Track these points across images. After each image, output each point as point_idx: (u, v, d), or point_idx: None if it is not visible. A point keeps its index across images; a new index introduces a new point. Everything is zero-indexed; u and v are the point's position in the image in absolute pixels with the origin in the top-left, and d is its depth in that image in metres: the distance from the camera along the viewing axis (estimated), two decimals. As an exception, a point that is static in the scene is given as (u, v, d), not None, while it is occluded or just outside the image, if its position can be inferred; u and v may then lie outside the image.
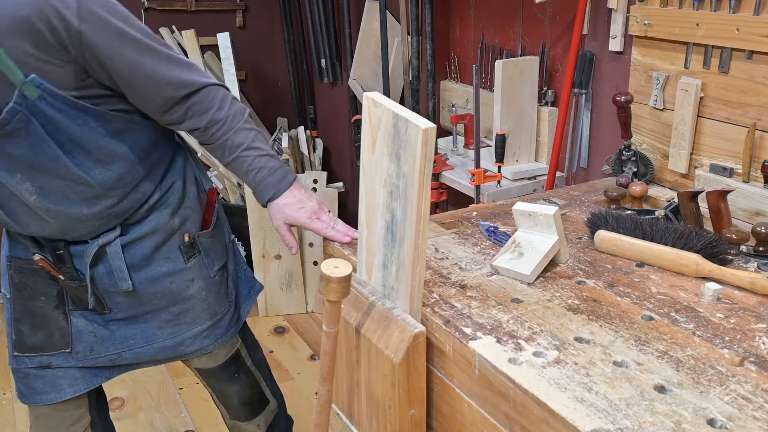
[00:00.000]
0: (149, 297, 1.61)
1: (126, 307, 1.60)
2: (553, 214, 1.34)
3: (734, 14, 1.62)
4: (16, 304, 1.59)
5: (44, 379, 1.60)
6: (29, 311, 1.58)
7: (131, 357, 1.65)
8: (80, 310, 1.59)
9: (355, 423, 1.38)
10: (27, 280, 1.57)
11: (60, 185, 1.41)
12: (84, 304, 1.57)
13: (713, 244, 1.37)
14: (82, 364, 1.62)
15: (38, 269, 1.54)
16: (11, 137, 1.32)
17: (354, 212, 3.48)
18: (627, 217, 1.48)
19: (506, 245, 1.39)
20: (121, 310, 1.60)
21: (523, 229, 1.41)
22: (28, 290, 1.57)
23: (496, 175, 2.33)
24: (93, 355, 1.62)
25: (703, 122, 1.76)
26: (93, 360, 1.62)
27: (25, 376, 1.61)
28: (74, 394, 1.62)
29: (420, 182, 1.11)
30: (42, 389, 1.61)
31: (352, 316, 1.29)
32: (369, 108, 1.22)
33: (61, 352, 1.59)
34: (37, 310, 1.57)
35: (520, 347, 1.10)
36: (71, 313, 1.59)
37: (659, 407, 0.95)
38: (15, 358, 1.60)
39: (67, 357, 1.60)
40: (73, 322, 1.59)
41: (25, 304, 1.58)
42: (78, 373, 1.62)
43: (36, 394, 1.61)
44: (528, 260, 1.33)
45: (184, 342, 1.67)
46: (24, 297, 1.58)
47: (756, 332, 1.14)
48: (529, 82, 2.32)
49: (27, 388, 1.62)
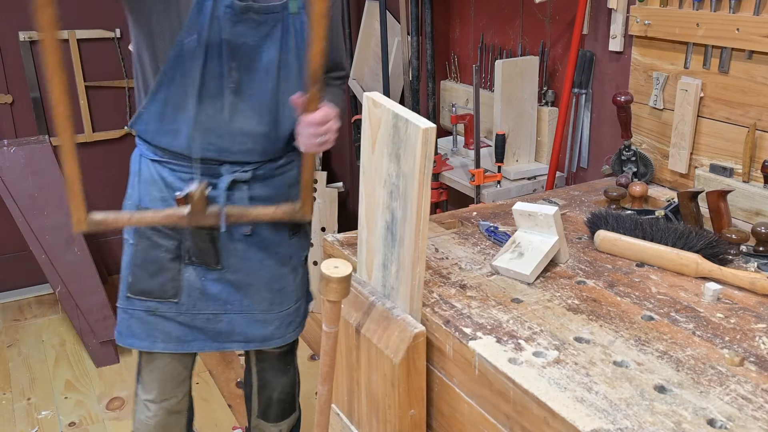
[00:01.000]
0: (257, 264, 1.72)
1: (235, 269, 1.71)
2: (553, 214, 1.34)
3: (734, 14, 1.62)
4: (138, 250, 1.70)
5: (145, 325, 1.72)
6: (149, 259, 1.69)
7: (225, 323, 1.75)
8: (194, 265, 1.69)
9: (355, 423, 1.38)
10: (151, 229, 1.67)
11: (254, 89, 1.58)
12: (202, 255, 1.68)
13: (713, 244, 1.37)
14: (183, 319, 1.72)
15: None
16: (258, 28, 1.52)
17: (354, 212, 3.48)
18: (627, 217, 1.48)
19: (506, 245, 1.39)
20: (231, 271, 1.71)
21: (523, 229, 1.41)
22: (150, 239, 1.68)
23: (496, 175, 2.33)
24: (195, 310, 1.72)
25: (703, 122, 1.76)
26: (193, 316, 1.73)
27: (129, 317, 1.73)
28: (164, 350, 1.74)
29: (420, 182, 1.11)
30: (139, 334, 1.73)
31: (352, 316, 1.29)
32: (369, 108, 1.22)
33: (169, 300, 1.71)
34: (155, 259, 1.69)
35: (520, 347, 1.10)
36: (185, 267, 1.70)
37: (659, 407, 0.95)
38: (126, 299, 1.72)
39: (172, 306, 1.71)
40: (185, 276, 1.70)
41: (146, 252, 1.69)
42: (174, 332, 1.73)
43: (131, 337, 1.74)
44: (528, 260, 1.33)
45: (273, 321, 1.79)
46: (145, 245, 1.69)
47: (756, 332, 1.14)
48: (529, 82, 2.32)
49: (126, 329, 1.74)
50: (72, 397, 2.83)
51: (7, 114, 3.40)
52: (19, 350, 3.17)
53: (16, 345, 3.21)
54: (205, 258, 1.69)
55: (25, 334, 3.30)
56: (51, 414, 2.72)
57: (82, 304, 2.95)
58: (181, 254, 1.69)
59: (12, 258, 3.57)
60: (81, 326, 2.99)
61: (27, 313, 3.49)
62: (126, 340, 1.75)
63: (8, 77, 3.35)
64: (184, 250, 1.69)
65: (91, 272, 2.96)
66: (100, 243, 3.73)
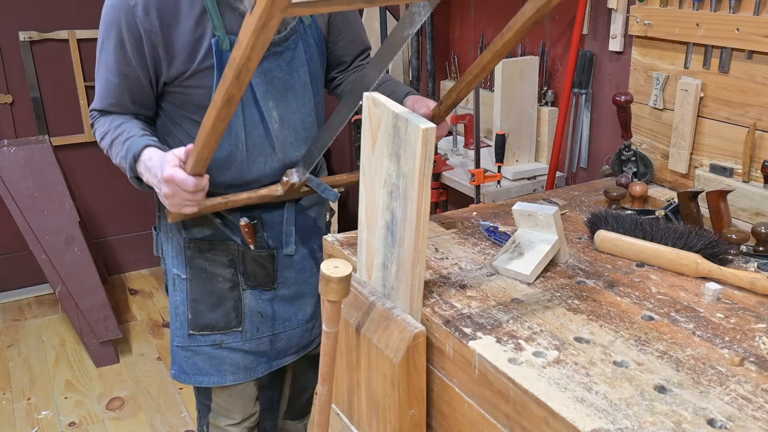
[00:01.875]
0: (309, 273, 1.75)
1: (290, 283, 1.72)
2: (553, 214, 1.34)
3: (734, 14, 1.62)
4: (194, 284, 1.66)
5: (212, 360, 1.69)
6: (207, 291, 1.66)
7: (285, 341, 1.76)
8: (251, 289, 1.68)
9: (355, 423, 1.38)
10: (205, 261, 1.65)
11: (296, 118, 1.60)
12: (259, 278, 1.67)
13: (713, 244, 1.37)
14: (249, 346, 1.71)
15: (219, 249, 1.65)
16: (282, 56, 1.53)
17: (354, 212, 3.48)
18: (627, 216, 1.48)
19: (506, 245, 1.39)
20: (285, 286, 1.72)
21: (523, 229, 1.41)
22: (206, 271, 1.66)
23: (496, 175, 2.33)
24: (258, 335, 1.71)
25: (703, 122, 1.76)
26: (257, 341, 1.72)
27: (193, 354, 1.69)
28: (234, 382, 1.71)
29: (420, 182, 1.11)
30: (207, 371, 1.69)
31: (352, 316, 1.29)
32: (369, 108, 1.22)
33: (234, 330, 1.69)
34: (214, 290, 1.66)
35: (520, 347, 1.10)
36: (243, 293, 1.68)
37: (659, 407, 0.95)
38: (189, 337, 1.68)
39: (237, 336, 1.69)
40: (245, 302, 1.69)
41: (203, 284, 1.66)
42: (242, 362, 1.71)
43: (198, 375, 1.69)
44: (528, 260, 1.33)
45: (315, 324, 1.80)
46: (202, 278, 1.66)
47: (756, 332, 1.14)
48: (529, 82, 2.32)
49: (192, 367, 1.69)
50: (72, 397, 2.83)
51: (7, 114, 3.40)
52: (19, 350, 3.17)
53: (16, 345, 3.21)
54: (263, 280, 1.69)
55: (25, 334, 3.30)
56: (51, 414, 2.72)
57: (82, 304, 2.95)
58: (239, 281, 1.68)
59: (12, 258, 3.57)
60: (81, 326, 2.99)
61: (27, 313, 3.49)
62: (192, 378, 1.70)
63: (8, 77, 3.36)
64: (241, 275, 1.68)
65: (91, 272, 2.96)
66: (100, 243, 3.73)
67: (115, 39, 1.44)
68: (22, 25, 3.31)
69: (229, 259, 1.66)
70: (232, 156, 1.56)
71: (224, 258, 1.66)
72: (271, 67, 1.51)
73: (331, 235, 1.56)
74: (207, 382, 1.70)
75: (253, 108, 1.53)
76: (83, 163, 3.59)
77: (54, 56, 3.40)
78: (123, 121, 1.53)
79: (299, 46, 1.54)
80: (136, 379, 2.93)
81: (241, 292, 1.68)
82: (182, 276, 1.66)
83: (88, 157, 3.58)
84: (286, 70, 1.54)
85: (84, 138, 3.54)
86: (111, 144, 1.52)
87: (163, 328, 3.34)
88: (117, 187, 3.62)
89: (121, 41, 1.44)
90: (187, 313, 1.67)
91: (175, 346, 1.70)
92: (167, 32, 1.44)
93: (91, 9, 3.32)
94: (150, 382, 2.91)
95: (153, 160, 1.41)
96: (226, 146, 1.55)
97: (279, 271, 1.70)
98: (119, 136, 1.50)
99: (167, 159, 1.36)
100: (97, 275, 2.98)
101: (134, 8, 1.40)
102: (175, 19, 1.44)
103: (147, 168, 1.43)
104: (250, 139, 1.55)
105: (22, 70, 3.36)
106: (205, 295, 1.66)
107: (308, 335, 1.81)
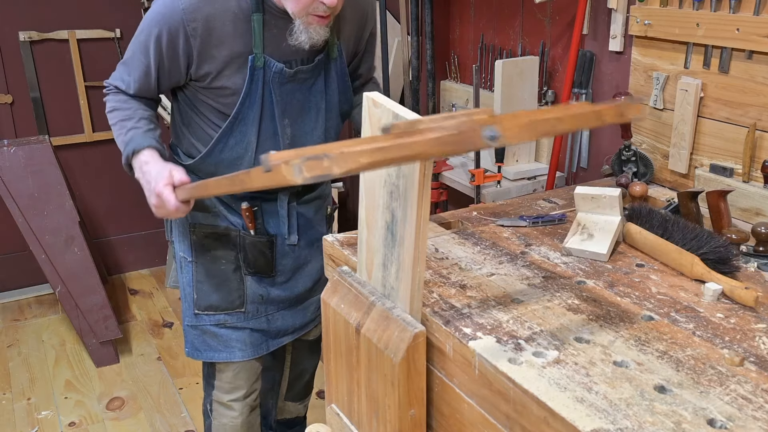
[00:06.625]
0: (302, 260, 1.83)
1: (287, 270, 1.83)
2: (617, 195, 1.43)
3: (734, 14, 1.62)
4: (199, 266, 1.78)
5: (219, 338, 1.80)
6: (211, 273, 1.77)
7: (280, 320, 1.86)
8: (252, 274, 1.78)
9: (355, 423, 1.38)
10: (210, 245, 1.76)
11: (307, 138, 1.70)
12: (259, 265, 1.76)
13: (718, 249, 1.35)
14: (252, 324, 1.81)
15: (221, 234, 1.76)
16: (305, 82, 1.66)
17: (354, 212, 3.48)
18: (657, 213, 1.48)
19: (572, 228, 1.47)
20: (283, 274, 1.82)
21: (584, 212, 1.49)
22: (210, 254, 1.76)
23: (496, 175, 2.33)
24: (258, 315, 1.82)
25: (703, 122, 1.76)
26: (258, 320, 1.81)
27: (201, 333, 1.80)
28: (243, 358, 1.82)
29: (420, 182, 1.11)
30: (216, 347, 1.81)
31: (352, 316, 1.29)
32: (369, 108, 1.22)
33: (237, 311, 1.79)
34: (217, 272, 1.77)
35: (520, 347, 1.10)
36: (245, 277, 1.78)
37: (659, 407, 0.95)
38: (195, 316, 1.79)
39: (240, 316, 1.80)
40: (247, 285, 1.78)
41: (208, 266, 1.77)
42: (248, 339, 1.81)
43: (209, 351, 1.81)
44: (600, 240, 1.42)
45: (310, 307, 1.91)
46: (206, 260, 1.77)
47: (756, 332, 1.14)
48: (529, 82, 2.32)
49: (202, 343, 1.80)
50: (72, 397, 2.83)
51: (7, 114, 3.40)
52: (19, 350, 3.17)
53: (16, 345, 3.21)
54: (262, 267, 1.78)
55: (25, 334, 3.30)
56: (51, 414, 2.72)
57: (82, 304, 2.95)
58: (240, 264, 1.78)
59: (12, 258, 3.57)
60: (81, 326, 2.99)
61: (27, 313, 3.49)
62: (204, 354, 1.81)
63: (8, 77, 3.36)
64: (242, 261, 1.78)
65: (91, 272, 2.96)
66: (100, 243, 3.73)
67: (157, 29, 1.55)
68: (22, 25, 3.31)
69: (231, 244, 1.76)
70: (240, 159, 1.66)
71: (227, 242, 1.76)
72: (293, 90, 1.65)
73: (331, 235, 1.57)
74: (218, 357, 1.81)
75: (269, 122, 1.65)
76: (83, 163, 3.59)
77: (54, 56, 3.40)
78: (134, 107, 1.63)
79: (321, 76, 1.69)
80: (136, 379, 2.93)
81: (243, 275, 1.78)
82: (188, 258, 1.78)
83: (88, 157, 3.58)
84: (306, 94, 1.68)
85: (84, 138, 3.54)
86: (116, 123, 1.63)
87: (163, 328, 3.34)
88: (117, 187, 3.62)
89: (159, 34, 1.55)
90: (193, 293, 1.78)
91: (186, 325, 1.81)
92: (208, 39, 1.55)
93: (92, 9, 3.32)
94: (150, 382, 2.91)
95: (150, 165, 1.53)
96: (238, 150, 1.66)
97: (277, 258, 1.80)
98: (127, 120, 1.62)
99: (163, 175, 1.48)
100: (97, 275, 2.98)
101: (183, 11, 1.53)
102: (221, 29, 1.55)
103: (142, 171, 1.54)
104: (261, 148, 1.66)
105: (22, 70, 3.36)
106: (208, 276, 1.77)
107: (302, 317, 1.90)
